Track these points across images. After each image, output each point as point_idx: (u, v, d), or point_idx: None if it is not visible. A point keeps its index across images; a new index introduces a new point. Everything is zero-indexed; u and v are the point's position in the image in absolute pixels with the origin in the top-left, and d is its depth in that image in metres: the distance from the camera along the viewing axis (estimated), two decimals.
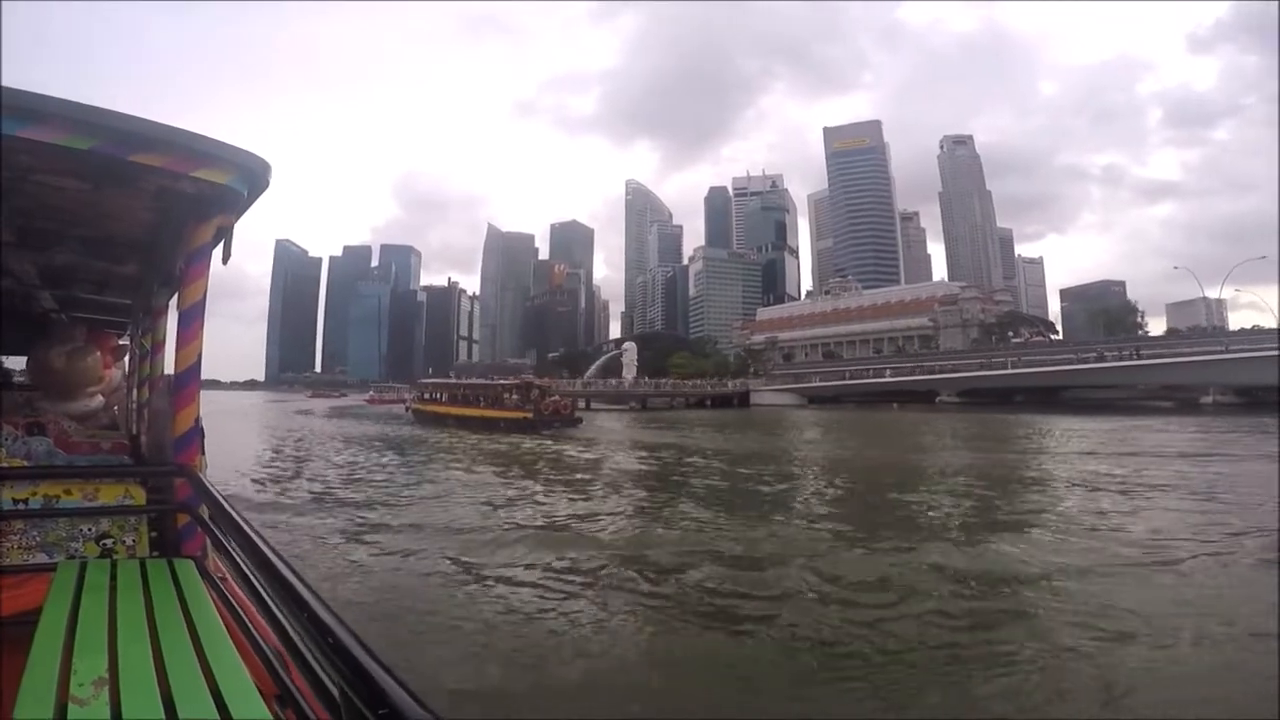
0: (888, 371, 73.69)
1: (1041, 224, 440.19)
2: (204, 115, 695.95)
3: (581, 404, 62.12)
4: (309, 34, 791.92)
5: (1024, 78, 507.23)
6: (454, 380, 54.12)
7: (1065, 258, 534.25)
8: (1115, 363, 52.79)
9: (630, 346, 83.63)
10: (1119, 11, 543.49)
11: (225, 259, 2.88)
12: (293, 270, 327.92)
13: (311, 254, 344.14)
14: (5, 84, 1.88)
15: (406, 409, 53.56)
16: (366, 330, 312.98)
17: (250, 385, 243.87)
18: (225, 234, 2.81)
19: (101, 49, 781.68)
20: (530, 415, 34.48)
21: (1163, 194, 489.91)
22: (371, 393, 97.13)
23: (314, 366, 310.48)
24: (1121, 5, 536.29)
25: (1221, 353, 49.46)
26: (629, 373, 79.22)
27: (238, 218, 2.76)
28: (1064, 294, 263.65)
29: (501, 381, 43.67)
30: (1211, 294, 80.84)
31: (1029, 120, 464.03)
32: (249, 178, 2.51)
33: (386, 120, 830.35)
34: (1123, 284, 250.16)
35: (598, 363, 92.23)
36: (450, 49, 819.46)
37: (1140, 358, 52.43)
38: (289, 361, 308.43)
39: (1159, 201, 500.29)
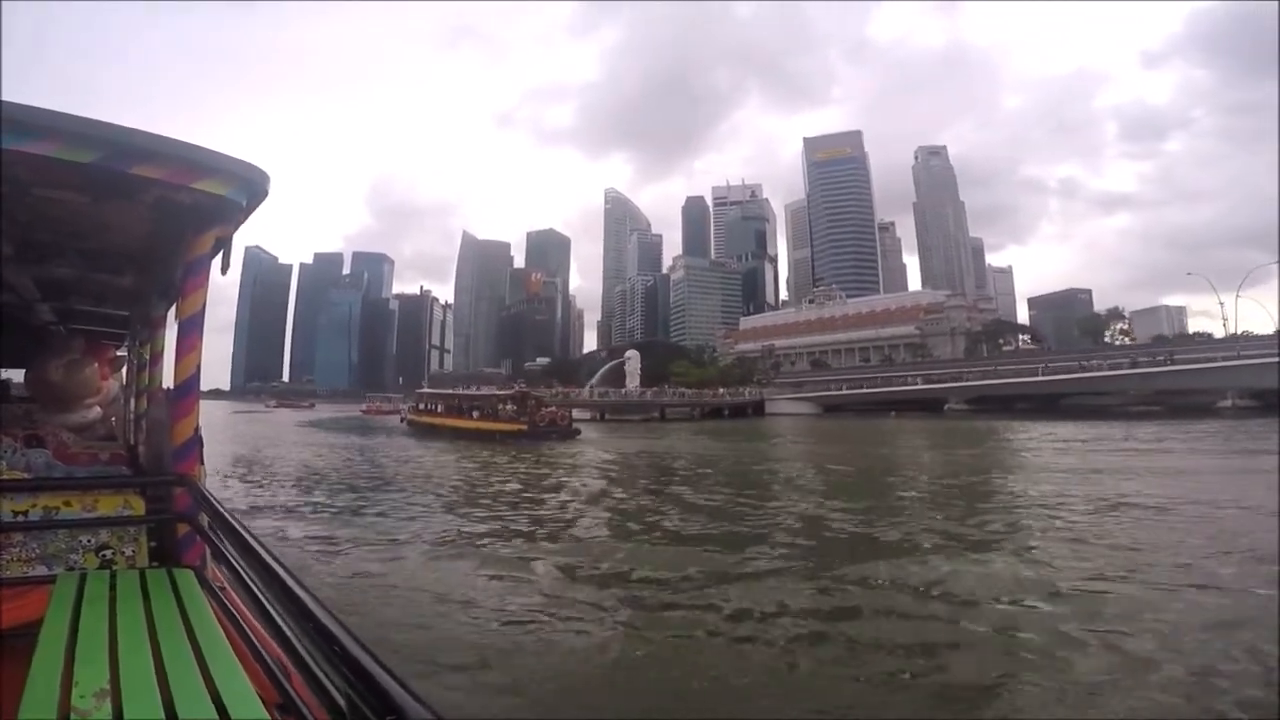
0: (919, 380, 73.31)
1: (1003, 235, 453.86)
2: (176, 118, 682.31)
3: (595, 415, 60.66)
4: (285, 40, 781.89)
5: (986, 92, 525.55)
6: (450, 391, 52.19)
7: (1026, 267, 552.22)
8: (1151, 368, 53.51)
9: (634, 355, 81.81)
10: (1078, 28, 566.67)
11: (224, 269, 2.90)
12: (262, 277, 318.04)
13: (281, 261, 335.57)
14: (4, 97, 1.92)
15: (401, 420, 51.65)
16: (336, 339, 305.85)
17: (215, 395, 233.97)
18: (224, 245, 2.82)
19: (72, 52, 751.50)
20: (525, 427, 33.72)
21: (1118, 205, 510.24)
22: (370, 402, 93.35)
23: (282, 375, 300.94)
24: (1080, 21, 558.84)
25: (1235, 358, 50.43)
26: (632, 381, 77.42)
27: (236, 228, 2.76)
28: (1032, 302, 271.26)
29: (498, 392, 42.51)
30: (1225, 300, 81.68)
31: (992, 134, 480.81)
32: (248, 188, 2.54)
33: (361, 127, 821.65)
34: (1089, 292, 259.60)
35: (600, 372, 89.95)
36: (428, 58, 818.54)
37: (1175, 363, 53.24)
38: (256, 370, 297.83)
39: (1114, 212, 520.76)
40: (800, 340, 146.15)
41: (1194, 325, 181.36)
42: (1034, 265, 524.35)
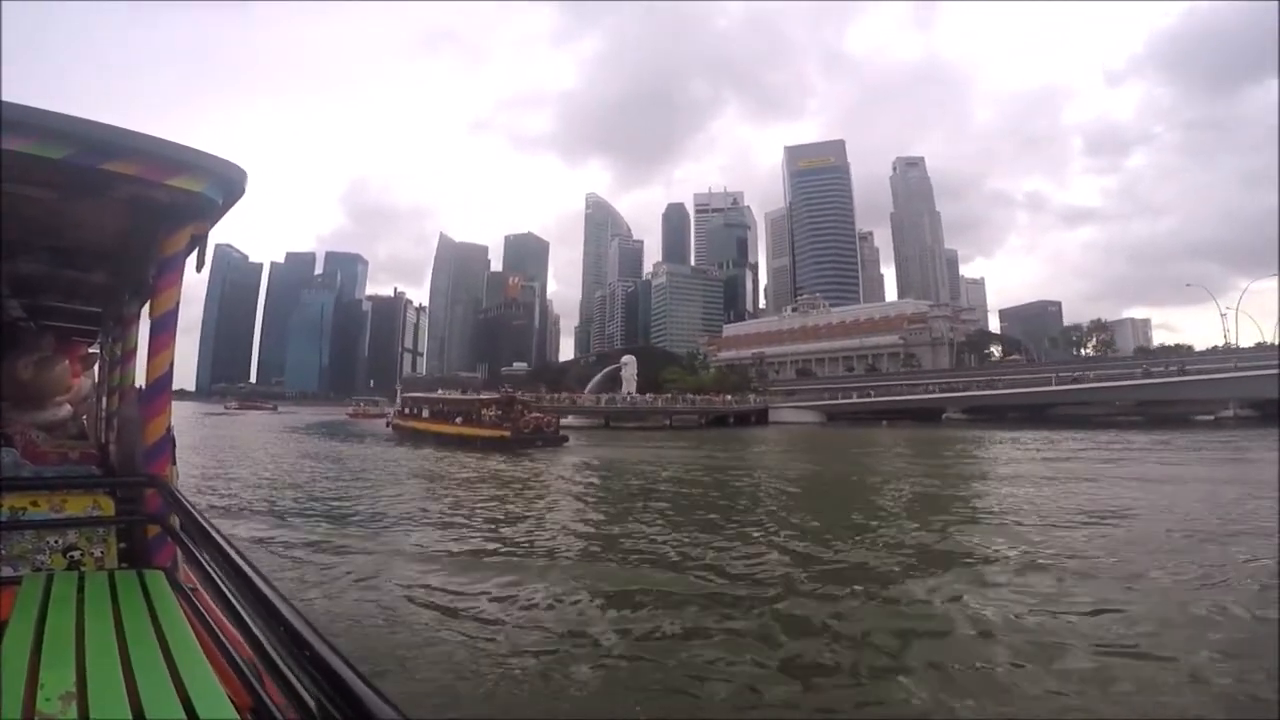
0: (935, 388, 73.54)
1: (971, 246, 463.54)
2: (152, 116, 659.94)
3: (602, 422, 59.37)
4: (265, 40, 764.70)
5: (956, 107, 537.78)
6: (436, 395, 50.52)
7: (993, 279, 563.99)
8: (1161, 379, 54.71)
9: (630, 360, 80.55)
10: (1043, 46, 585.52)
11: (199, 267, 2.86)
12: (231, 276, 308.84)
13: (252, 259, 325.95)
14: None
15: (387, 424, 49.98)
16: (307, 340, 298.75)
17: (180, 395, 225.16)
18: (199, 242, 2.80)
19: (50, 51, 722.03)
20: (508, 434, 32.11)
21: (1083, 218, 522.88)
22: (355, 405, 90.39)
23: (249, 377, 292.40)
24: (1045, 40, 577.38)
25: (1244, 369, 51.84)
26: (629, 387, 76.22)
27: (212, 226, 2.75)
28: (1003, 314, 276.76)
29: (481, 396, 41.29)
30: (1224, 309, 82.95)
31: (960, 147, 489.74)
32: (224, 185, 2.52)
33: (337, 128, 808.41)
34: (1059, 304, 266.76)
35: (596, 378, 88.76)
36: (407, 60, 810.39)
37: (1186, 373, 54.54)
38: (223, 371, 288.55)
39: (1079, 226, 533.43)
40: (785, 348, 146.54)
41: (1156, 338, 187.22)
42: (1001, 277, 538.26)
